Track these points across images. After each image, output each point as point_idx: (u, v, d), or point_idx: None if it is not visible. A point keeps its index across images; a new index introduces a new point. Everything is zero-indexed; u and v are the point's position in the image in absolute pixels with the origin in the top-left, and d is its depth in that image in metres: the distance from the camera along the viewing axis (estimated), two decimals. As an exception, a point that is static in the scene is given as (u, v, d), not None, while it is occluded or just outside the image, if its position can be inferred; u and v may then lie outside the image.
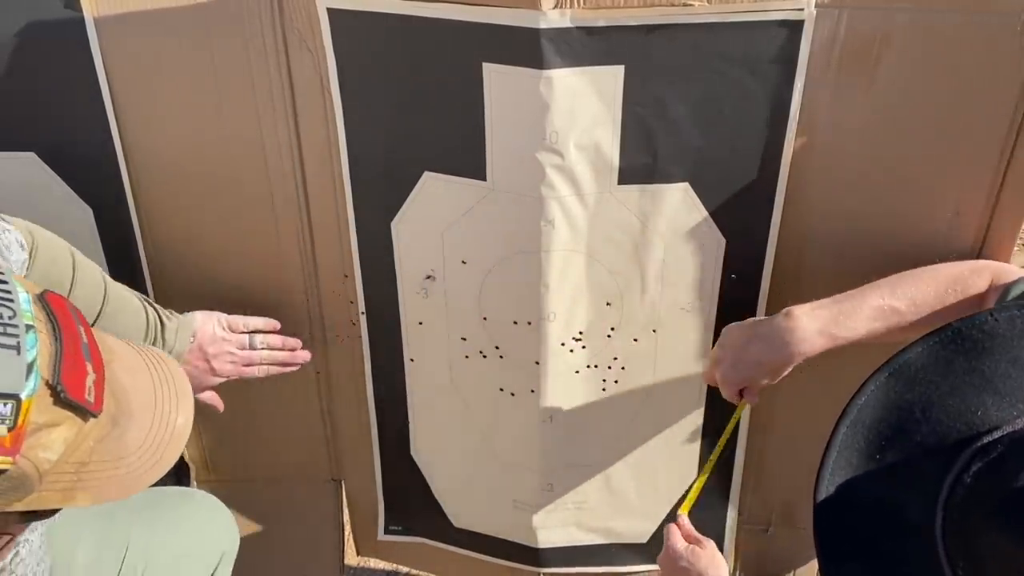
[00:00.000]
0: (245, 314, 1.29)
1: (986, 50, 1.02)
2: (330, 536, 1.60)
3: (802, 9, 1.01)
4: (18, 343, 0.64)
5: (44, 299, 0.72)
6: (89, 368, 0.70)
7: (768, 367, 1.07)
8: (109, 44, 1.15)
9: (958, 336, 0.75)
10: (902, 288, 1.02)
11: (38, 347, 0.67)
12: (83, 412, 0.69)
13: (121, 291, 1.15)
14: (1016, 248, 2.45)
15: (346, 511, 1.60)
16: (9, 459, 0.64)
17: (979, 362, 0.73)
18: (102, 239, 1.29)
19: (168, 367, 0.82)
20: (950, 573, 0.69)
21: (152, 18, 1.14)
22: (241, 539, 1.39)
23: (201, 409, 1.46)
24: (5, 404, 0.63)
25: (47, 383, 0.66)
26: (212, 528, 1.32)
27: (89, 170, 1.24)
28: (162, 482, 1.14)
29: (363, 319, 1.36)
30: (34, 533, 0.95)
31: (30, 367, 0.65)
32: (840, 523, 0.75)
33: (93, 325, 1.00)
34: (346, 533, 1.63)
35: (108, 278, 1.14)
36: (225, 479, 1.55)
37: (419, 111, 1.15)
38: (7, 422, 0.63)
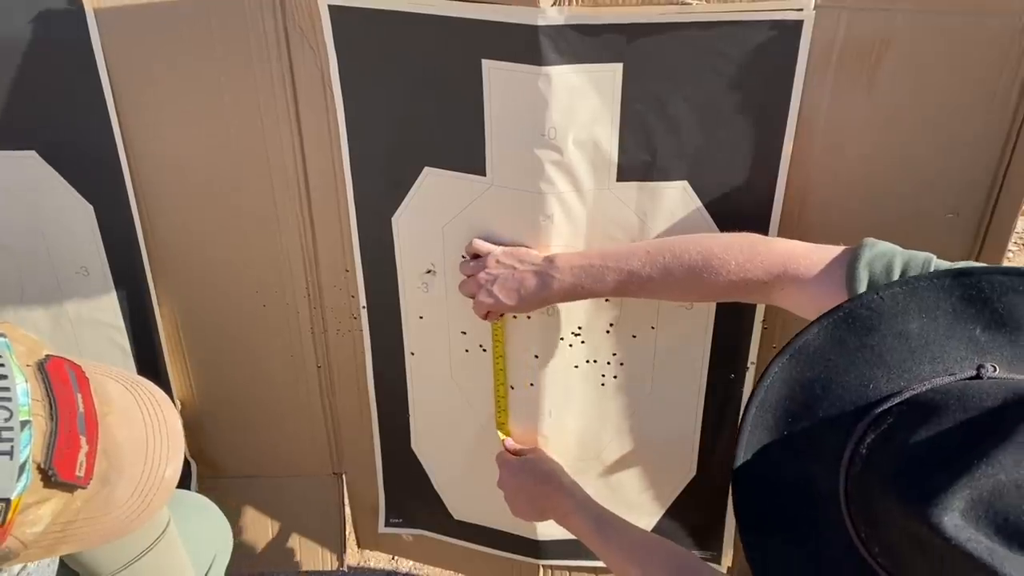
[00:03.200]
0: (245, 310, 1.30)
1: (986, 50, 1.01)
2: (331, 529, 1.61)
3: (801, 9, 1.01)
4: (12, 448, 0.65)
5: (44, 370, 0.71)
6: (83, 441, 0.70)
7: (527, 301, 1.16)
8: (110, 41, 1.16)
9: (849, 316, 0.79)
10: (663, 258, 1.08)
11: (32, 440, 0.67)
12: (72, 488, 0.70)
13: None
14: (1016, 248, 2.44)
15: (347, 504, 1.61)
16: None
17: (869, 338, 0.78)
18: (103, 237, 1.30)
19: (163, 411, 0.82)
20: (855, 537, 0.72)
21: (154, 15, 1.14)
22: (243, 533, 1.40)
23: (202, 405, 1.48)
24: None
25: (39, 467, 0.67)
26: (204, 528, 1.32)
27: (90, 168, 1.25)
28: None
29: (364, 313, 1.37)
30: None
31: (22, 467, 0.66)
32: (757, 499, 0.79)
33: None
34: (347, 526, 1.64)
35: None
36: (227, 475, 1.57)
37: (419, 107, 1.15)
38: None
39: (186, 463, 1.53)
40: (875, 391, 0.75)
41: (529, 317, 1.25)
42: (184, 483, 1.53)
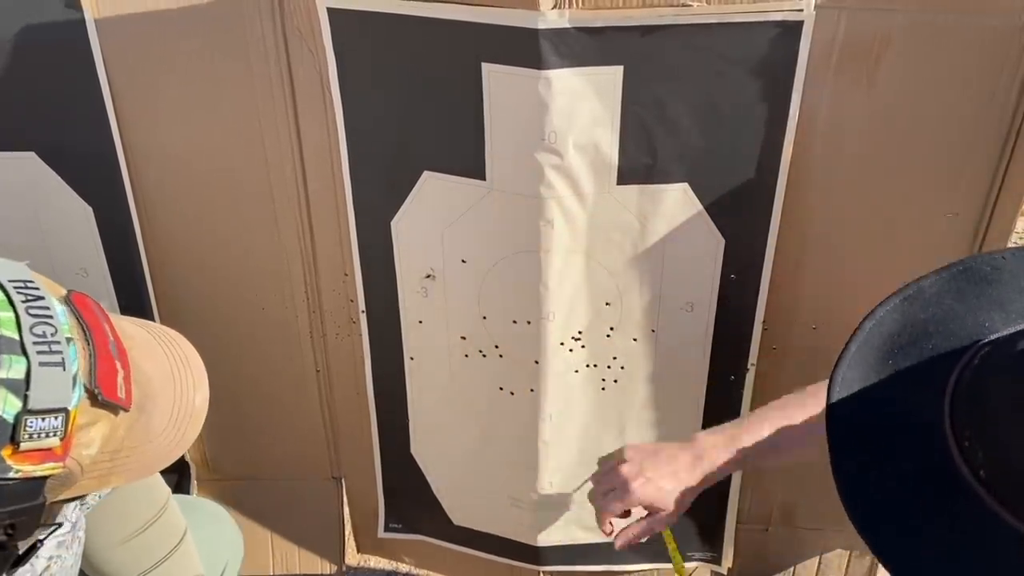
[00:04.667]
0: (243, 313, 1.29)
1: (986, 50, 1.02)
2: (331, 533, 1.61)
3: (801, 10, 1.01)
4: (63, 359, 0.67)
5: (71, 302, 0.74)
6: (118, 366, 0.73)
7: (683, 480, 1.09)
8: (110, 44, 1.16)
9: (968, 271, 0.79)
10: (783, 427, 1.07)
11: (78, 357, 0.70)
12: (116, 408, 0.73)
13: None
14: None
15: (346, 508, 1.61)
16: (61, 464, 0.69)
17: (989, 289, 0.77)
18: (102, 238, 1.30)
19: (182, 348, 0.85)
20: (956, 451, 0.70)
21: (152, 18, 1.14)
22: (242, 536, 1.39)
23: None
24: (56, 418, 0.67)
25: (85, 387, 0.70)
26: (215, 538, 1.32)
27: (89, 169, 1.24)
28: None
29: (363, 317, 1.36)
30: (69, 551, 0.97)
31: (74, 379, 0.68)
32: (851, 423, 0.77)
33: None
34: (346, 530, 1.64)
35: None
36: (226, 478, 1.56)
37: (419, 111, 1.15)
38: (59, 433, 0.67)
39: (185, 465, 1.52)
40: (990, 329, 0.75)
41: (529, 323, 1.25)
42: (183, 485, 1.53)
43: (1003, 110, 1.05)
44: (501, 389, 1.34)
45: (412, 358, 1.38)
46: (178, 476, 1.52)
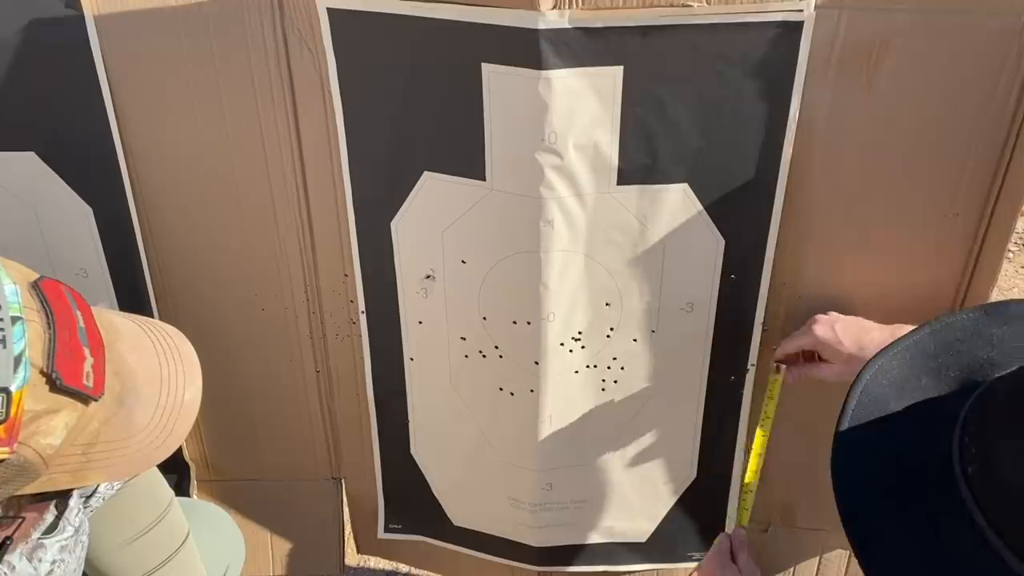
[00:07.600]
0: (243, 314, 1.29)
1: (986, 50, 1.02)
2: (330, 534, 1.61)
3: (801, 10, 1.01)
4: (3, 336, 0.65)
5: (38, 286, 0.72)
6: (86, 353, 0.71)
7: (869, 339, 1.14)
8: (109, 44, 1.16)
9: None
10: None
11: (27, 338, 0.67)
12: (83, 397, 0.70)
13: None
14: (1016, 248, 2.45)
15: (346, 509, 1.61)
16: (6, 449, 0.65)
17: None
18: (102, 238, 1.30)
19: (175, 341, 0.82)
20: (960, 471, 0.72)
21: (153, 18, 1.14)
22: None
23: (201, 408, 1.47)
24: None
25: (41, 371, 0.67)
26: (216, 541, 1.32)
27: (89, 170, 1.24)
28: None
29: (363, 318, 1.36)
30: (72, 555, 0.96)
31: (18, 359, 0.65)
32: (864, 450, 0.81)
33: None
34: (346, 531, 1.63)
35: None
36: (226, 478, 1.56)
37: (419, 111, 1.15)
38: None
39: (184, 465, 1.52)
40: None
41: (529, 323, 1.25)
42: (183, 486, 1.53)
43: (1003, 110, 1.05)
44: (501, 389, 1.33)
45: (412, 358, 1.38)
46: (178, 477, 1.52)
